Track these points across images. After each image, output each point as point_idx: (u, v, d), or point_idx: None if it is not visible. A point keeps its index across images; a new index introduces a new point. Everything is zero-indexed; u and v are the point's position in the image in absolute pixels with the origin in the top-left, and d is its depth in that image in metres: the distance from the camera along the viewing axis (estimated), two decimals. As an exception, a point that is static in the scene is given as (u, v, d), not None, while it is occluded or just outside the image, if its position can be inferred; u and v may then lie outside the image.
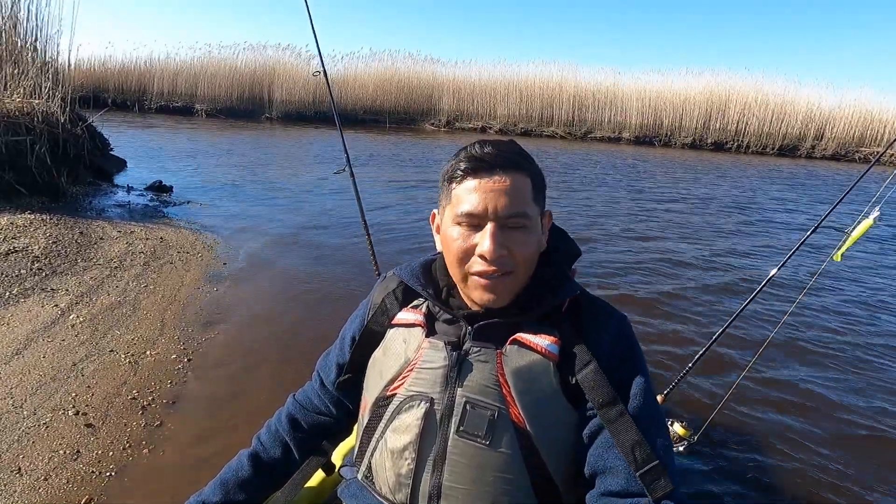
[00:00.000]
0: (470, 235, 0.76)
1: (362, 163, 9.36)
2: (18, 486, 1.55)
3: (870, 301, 3.81)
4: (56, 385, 2.04)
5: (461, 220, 0.76)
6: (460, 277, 0.79)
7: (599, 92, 19.32)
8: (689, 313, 3.33)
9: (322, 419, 0.96)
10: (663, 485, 0.68)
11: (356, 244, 4.24)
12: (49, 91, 4.83)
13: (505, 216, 0.74)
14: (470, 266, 0.77)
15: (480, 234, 0.75)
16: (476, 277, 0.77)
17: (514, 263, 0.76)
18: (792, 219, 6.90)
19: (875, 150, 16.79)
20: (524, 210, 0.75)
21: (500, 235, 0.74)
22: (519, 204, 0.75)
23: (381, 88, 19.56)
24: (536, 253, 0.79)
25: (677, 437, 1.93)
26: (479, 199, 0.74)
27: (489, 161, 0.75)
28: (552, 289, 0.80)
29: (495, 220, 0.74)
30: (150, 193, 5.63)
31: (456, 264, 0.78)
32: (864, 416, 2.31)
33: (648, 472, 0.69)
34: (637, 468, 0.69)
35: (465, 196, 0.76)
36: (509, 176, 0.75)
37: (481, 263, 0.75)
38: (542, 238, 0.81)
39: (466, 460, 0.73)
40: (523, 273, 0.78)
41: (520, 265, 0.76)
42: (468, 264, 0.77)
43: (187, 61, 18.59)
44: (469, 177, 0.76)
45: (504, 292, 0.77)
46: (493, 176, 0.75)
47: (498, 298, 0.77)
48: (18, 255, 3.26)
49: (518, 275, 0.77)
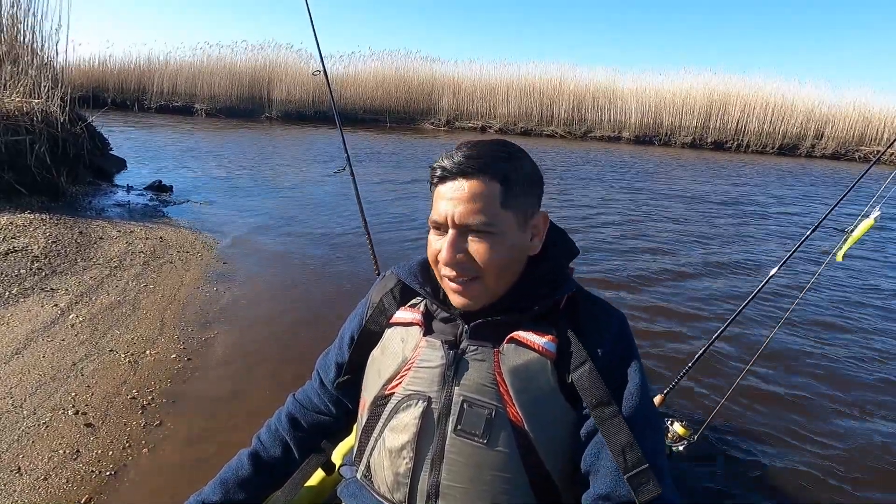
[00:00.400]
0: (437, 241, 0.79)
1: (362, 162, 9.36)
2: (18, 486, 1.55)
3: (870, 301, 3.81)
4: (56, 385, 2.04)
5: (431, 225, 0.79)
6: (438, 279, 0.82)
7: (599, 91, 19.30)
8: (688, 313, 3.33)
9: (322, 418, 0.96)
10: (651, 488, 0.68)
11: (356, 243, 4.24)
12: (48, 91, 4.83)
13: (462, 224, 0.75)
14: (439, 270, 0.80)
15: (444, 239, 0.77)
16: (447, 281, 0.79)
17: (478, 269, 0.76)
18: (792, 218, 6.90)
19: (875, 149, 16.79)
20: (484, 217, 0.74)
21: (460, 242, 0.75)
22: (478, 211, 0.74)
23: (381, 88, 19.54)
24: (509, 258, 0.77)
25: (677, 437, 1.92)
26: (441, 206, 0.76)
27: (451, 168, 0.75)
28: (548, 287, 0.80)
29: (455, 228, 0.75)
30: (149, 193, 5.63)
31: (433, 268, 0.82)
32: (865, 415, 2.31)
33: (637, 475, 0.69)
34: (626, 471, 0.69)
35: (435, 203, 0.78)
36: (470, 182, 0.74)
37: (444, 269, 0.77)
38: (525, 241, 0.79)
39: (464, 459, 0.73)
40: (493, 278, 0.77)
41: (486, 271, 0.76)
42: (438, 268, 0.80)
43: (187, 61, 18.59)
44: (438, 184, 0.78)
45: (475, 297, 0.77)
46: (454, 183, 0.75)
47: (470, 302, 0.78)
48: (18, 254, 3.26)
49: (487, 280, 0.77)
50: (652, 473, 0.69)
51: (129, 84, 18.38)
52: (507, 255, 0.77)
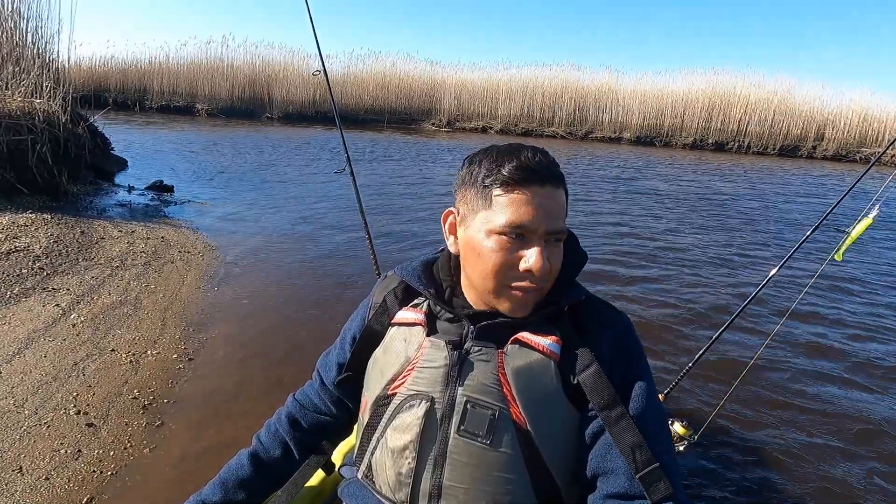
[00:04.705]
0: (514, 248, 0.73)
1: (363, 162, 9.36)
2: (20, 486, 1.55)
3: (870, 300, 3.81)
4: (57, 384, 2.05)
5: (506, 230, 0.72)
6: (493, 287, 0.76)
7: (601, 92, 19.30)
8: (688, 313, 3.33)
9: (322, 418, 0.96)
10: (663, 487, 0.68)
11: (357, 244, 4.24)
12: (50, 91, 4.84)
13: (553, 231, 0.73)
14: (510, 279, 0.74)
15: (527, 248, 0.73)
16: (514, 291, 0.75)
17: (550, 278, 0.76)
18: (792, 218, 6.89)
19: (875, 150, 16.77)
20: (565, 226, 0.76)
21: (546, 251, 0.73)
22: (563, 219, 0.75)
23: (382, 88, 19.55)
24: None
25: (677, 437, 1.93)
26: (531, 211, 0.71)
27: (542, 172, 0.72)
28: (559, 294, 0.80)
29: (545, 235, 0.73)
30: (150, 193, 5.64)
31: (492, 275, 0.75)
32: (865, 415, 2.31)
33: (648, 474, 0.68)
34: (637, 470, 0.69)
35: (513, 206, 0.72)
36: (558, 191, 0.74)
37: (526, 278, 0.74)
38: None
39: (467, 460, 0.73)
40: (548, 286, 0.78)
41: (551, 279, 0.77)
42: (508, 277, 0.74)
43: (187, 61, 18.60)
44: (520, 186, 0.72)
45: (531, 304, 0.77)
46: (546, 188, 0.72)
47: (527, 311, 0.77)
48: (20, 254, 3.26)
49: (545, 289, 0.77)
50: (663, 473, 0.68)
51: (130, 84, 18.41)
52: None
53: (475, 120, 19.67)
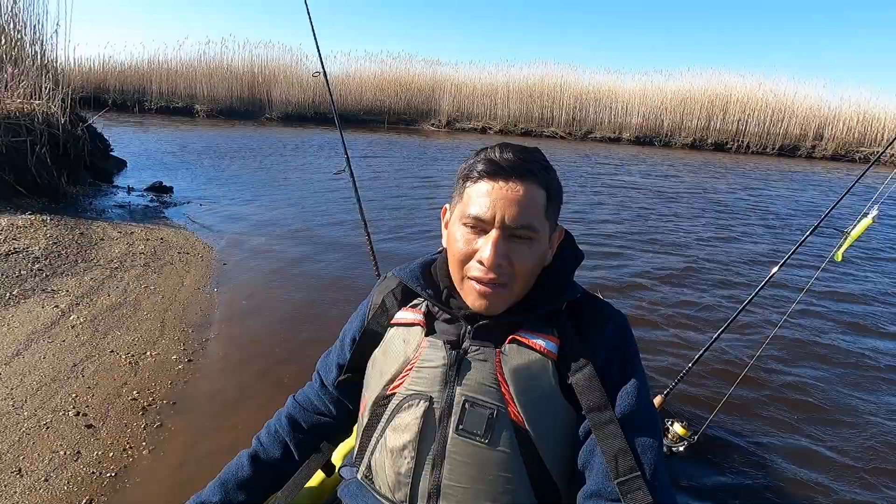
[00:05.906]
0: (474, 239, 0.75)
1: (362, 163, 9.36)
2: (19, 487, 1.55)
3: (870, 300, 3.81)
4: (56, 386, 2.04)
5: (468, 221, 0.75)
6: (458, 278, 0.78)
7: (600, 92, 19.31)
8: (688, 313, 3.33)
9: (322, 419, 0.97)
10: (641, 496, 0.67)
11: (356, 244, 4.24)
12: (49, 92, 4.85)
13: (512, 226, 0.73)
14: (468, 269, 0.76)
15: (484, 239, 0.74)
16: (472, 282, 0.76)
17: (512, 275, 0.75)
18: (791, 218, 6.90)
19: (875, 149, 16.78)
20: (532, 223, 0.74)
21: (503, 245, 0.73)
22: (529, 215, 0.74)
23: (381, 89, 19.54)
24: (538, 267, 0.78)
25: (677, 438, 1.93)
26: (489, 203, 0.73)
27: (506, 167, 0.74)
28: (554, 293, 0.80)
29: (501, 228, 0.73)
30: (150, 194, 5.64)
31: (456, 264, 0.78)
32: (865, 415, 2.31)
33: (628, 481, 0.68)
34: (617, 476, 0.69)
35: (476, 198, 0.75)
36: (524, 185, 0.74)
37: (479, 269, 0.75)
38: (548, 253, 0.80)
39: (465, 459, 0.73)
40: (519, 286, 0.77)
41: (517, 278, 0.76)
42: (466, 267, 0.76)
43: (187, 61, 18.59)
44: (484, 179, 0.75)
45: (497, 303, 0.76)
46: (508, 182, 0.73)
47: (490, 307, 0.76)
48: (19, 255, 3.26)
49: (513, 288, 0.76)
50: (643, 482, 0.68)
51: (129, 85, 18.39)
52: (537, 263, 0.78)
53: (475, 120, 19.67)
